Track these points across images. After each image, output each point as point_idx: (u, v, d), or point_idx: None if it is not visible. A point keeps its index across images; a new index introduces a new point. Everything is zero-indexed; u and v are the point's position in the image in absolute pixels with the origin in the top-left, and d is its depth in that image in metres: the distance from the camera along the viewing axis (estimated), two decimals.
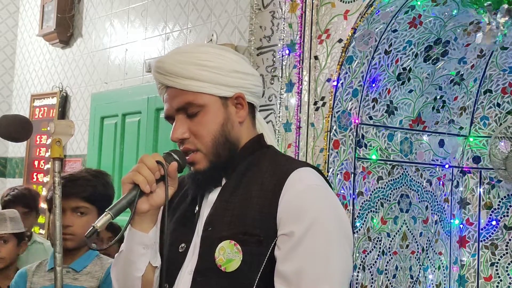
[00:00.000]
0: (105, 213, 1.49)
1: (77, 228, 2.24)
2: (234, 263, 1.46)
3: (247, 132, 1.62)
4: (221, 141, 1.56)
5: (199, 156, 1.56)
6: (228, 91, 1.57)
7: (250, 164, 1.58)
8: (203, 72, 1.54)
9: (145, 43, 5.06)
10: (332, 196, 1.55)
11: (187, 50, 1.59)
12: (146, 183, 1.50)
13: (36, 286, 2.30)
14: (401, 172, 3.33)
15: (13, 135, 1.92)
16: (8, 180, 6.63)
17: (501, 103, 3.42)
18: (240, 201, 1.52)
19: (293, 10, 3.31)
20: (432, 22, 3.14)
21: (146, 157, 1.54)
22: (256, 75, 1.64)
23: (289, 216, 1.46)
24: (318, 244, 1.44)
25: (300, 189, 1.48)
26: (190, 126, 1.56)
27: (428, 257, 3.39)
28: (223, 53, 1.59)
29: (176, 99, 1.56)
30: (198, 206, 1.60)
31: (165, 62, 1.57)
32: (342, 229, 1.50)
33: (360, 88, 3.15)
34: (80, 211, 2.26)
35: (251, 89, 1.61)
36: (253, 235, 1.47)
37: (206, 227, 1.53)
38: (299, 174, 1.51)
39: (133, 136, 5.03)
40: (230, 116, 1.58)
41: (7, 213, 2.97)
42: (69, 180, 2.28)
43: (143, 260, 1.56)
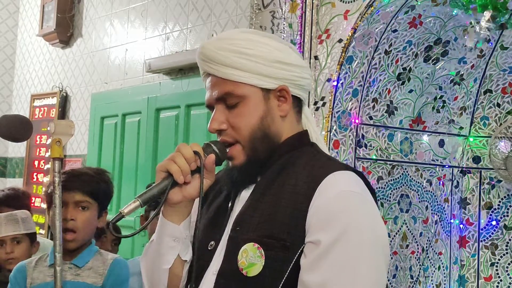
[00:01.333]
0: (133, 199, 1.42)
1: (79, 222, 2.24)
2: (256, 267, 1.37)
3: (289, 127, 1.52)
4: (259, 135, 1.47)
5: (238, 149, 1.48)
6: (270, 83, 1.47)
7: (286, 163, 1.48)
8: (243, 60, 1.45)
9: (145, 43, 5.06)
10: (369, 204, 1.41)
11: (228, 36, 1.50)
12: (180, 173, 1.42)
13: (37, 281, 2.30)
14: (401, 172, 3.33)
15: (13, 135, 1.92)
16: (8, 180, 6.63)
17: (501, 103, 3.42)
18: (271, 201, 1.42)
19: (293, 10, 3.31)
20: (432, 22, 3.14)
21: (183, 146, 1.45)
22: (303, 66, 1.53)
23: (318, 223, 1.35)
24: (346, 255, 1.32)
25: (332, 195, 1.36)
26: (229, 117, 1.48)
27: (428, 257, 3.39)
28: (266, 41, 1.49)
29: (216, 88, 1.48)
30: (231, 203, 1.53)
31: (206, 48, 1.48)
32: (376, 241, 1.37)
33: (360, 88, 3.15)
34: (82, 205, 2.27)
35: (297, 81, 1.50)
36: (279, 240, 1.37)
37: (234, 227, 1.45)
38: (335, 178, 1.40)
39: (133, 136, 5.03)
40: (271, 110, 1.48)
41: (19, 213, 2.98)
42: (73, 174, 2.29)
43: (172, 252, 1.49)
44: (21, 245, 2.87)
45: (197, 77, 4.46)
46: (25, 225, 2.90)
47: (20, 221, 2.89)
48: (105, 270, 2.27)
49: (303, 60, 1.58)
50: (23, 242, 2.87)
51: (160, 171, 1.45)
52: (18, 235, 2.86)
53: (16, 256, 2.84)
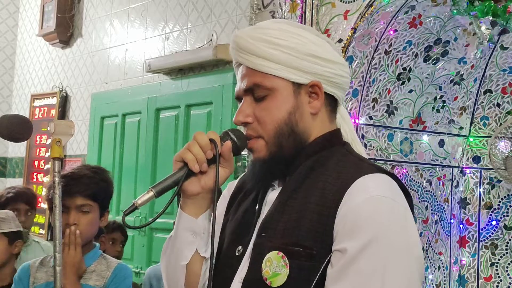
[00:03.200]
0: (147, 190, 1.35)
1: (82, 226, 2.24)
2: (280, 277, 1.28)
3: (320, 126, 1.41)
4: (285, 131, 1.37)
5: (261, 143, 1.39)
6: (302, 77, 1.38)
7: (315, 164, 1.38)
8: (275, 51, 1.37)
9: (145, 43, 5.06)
10: (400, 210, 1.29)
11: (262, 25, 1.42)
12: (195, 161, 1.35)
13: (40, 281, 2.31)
14: (401, 172, 3.33)
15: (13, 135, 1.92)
16: (8, 180, 6.63)
17: (501, 103, 3.42)
18: (298, 206, 1.33)
19: (293, 10, 3.31)
20: (432, 22, 3.14)
21: (199, 134, 1.38)
22: (340, 62, 1.43)
23: (345, 230, 1.25)
24: (374, 264, 1.22)
25: (360, 200, 1.26)
26: (256, 110, 1.39)
27: (428, 257, 3.39)
28: (301, 33, 1.40)
29: (245, 79, 1.40)
30: (259, 205, 1.43)
31: (239, 37, 1.41)
32: (407, 249, 1.26)
33: (360, 88, 3.15)
34: (84, 209, 2.27)
35: (331, 78, 1.40)
36: (306, 248, 1.27)
37: (260, 232, 1.36)
38: (365, 181, 1.29)
39: (133, 136, 5.03)
40: (300, 105, 1.39)
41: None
42: (72, 178, 2.28)
43: (190, 248, 1.41)
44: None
45: (197, 77, 4.47)
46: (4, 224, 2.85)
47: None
48: (109, 273, 2.27)
49: (342, 57, 1.48)
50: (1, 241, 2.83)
51: (176, 161, 1.38)
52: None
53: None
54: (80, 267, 2.20)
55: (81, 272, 2.22)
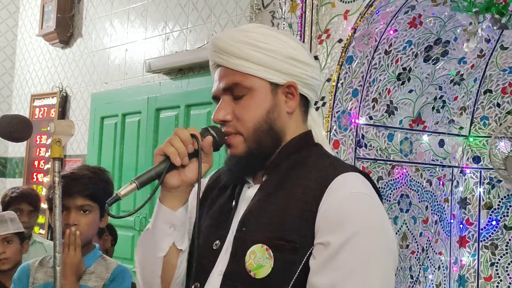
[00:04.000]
0: (130, 182, 1.39)
1: (82, 226, 2.25)
2: (264, 269, 1.34)
3: (295, 125, 1.49)
4: (264, 128, 1.44)
5: (239, 139, 1.45)
6: (279, 78, 1.45)
7: (294, 163, 1.45)
8: (256, 53, 1.44)
9: (145, 43, 5.06)
10: (378, 207, 1.39)
11: (244, 28, 1.49)
12: (177, 155, 1.41)
13: (40, 281, 2.31)
14: (401, 172, 3.33)
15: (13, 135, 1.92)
16: (8, 180, 6.63)
17: (501, 103, 3.42)
18: (279, 202, 1.39)
19: (293, 10, 3.31)
20: (432, 22, 3.14)
21: (180, 129, 1.44)
22: (314, 66, 1.51)
23: (328, 224, 1.33)
24: (356, 258, 1.30)
25: (342, 196, 1.34)
26: (235, 108, 1.45)
27: (428, 257, 3.39)
28: (281, 37, 1.48)
29: (224, 78, 1.46)
30: (235, 202, 1.49)
31: (219, 39, 1.47)
32: (386, 244, 1.35)
33: (360, 88, 3.15)
34: (84, 209, 2.27)
35: (306, 80, 1.48)
36: (289, 242, 1.34)
37: (240, 227, 1.42)
38: (344, 179, 1.38)
39: (133, 136, 5.03)
40: (277, 104, 1.46)
41: (6, 214, 3.00)
42: (72, 178, 2.28)
43: (168, 240, 1.46)
44: (12, 245, 2.89)
45: (197, 77, 4.46)
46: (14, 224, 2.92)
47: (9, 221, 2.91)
48: (108, 275, 2.27)
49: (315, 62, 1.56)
50: (14, 241, 2.90)
51: (158, 154, 1.43)
52: (8, 235, 2.88)
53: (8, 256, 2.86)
54: (79, 268, 2.20)
55: (81, 273, 2.22)
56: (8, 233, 2.88)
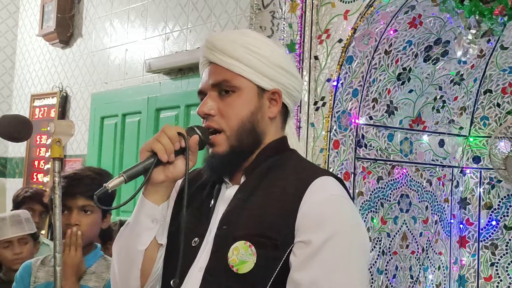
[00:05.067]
0: (118, 175, 1.44)
1: (83, 226, 2.25)
2: (247, 265, 1.41)
3: (274, 130, 1.57)
4: (247, 127, 1.51)
5: (221, 138, 1.51)
6: (267, 83, 1.53)
7: (273, 165, 1.53)
8: (249, 56, 1.51)
9: (145, 43, 5.06)
10: (353, 208, 1.50)
11: (241, 32, 1.58)
12: (164, 151, 1.46)
13: (41, 280, 2.31)
14: (401, 172, 3.33)
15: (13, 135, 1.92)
16: (8, 180, 6.63)
17: (501, 103, 3.42)
18: (260, 202, 1.47)
19: (293, 10, 3.31)
20: (432, 22, 3.14)
21: (167, 127, 1.49)
22: (299, 79, 1.61)
23: (309, 224, 1.41)
24: (337, 255, 1.39)
25: (322, 198, 1.43)
26: (220, 104, 1.51)
27: (428, 257, 3.39)
28: (274, 46, 1.57)
29: (214, 75, 1.53)
30: (214, 200, 1.56)
31: (216, 38, 1.55)
32: (361, 243, 1.46)
33: (360, 88, 3.15)
34: (86, 209, 2.28)
35: (290, 91, 1.57)
36: (271, 239, 1.41)
37: (220, 225, 1.48)
38: (322, 182, 1.46)
39: (133, 136, 5.03)
40: (262, 108, 1.54)
41: (22, 214, 3.04)
42: (74, 179, 2.29)
43: (149, 234, 1.51)
44: (27, 245, 2.97)
45: (197, 77, 4.46)
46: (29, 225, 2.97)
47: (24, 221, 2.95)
48: (109, 275, 2.27)
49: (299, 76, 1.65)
50: (29, 242, 2.97)
51: (145, 150, 1.48)
52: (25, 236, 2.93)
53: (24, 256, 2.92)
54: (80, 268, 2.21)
55: (81, 273, 2.22)
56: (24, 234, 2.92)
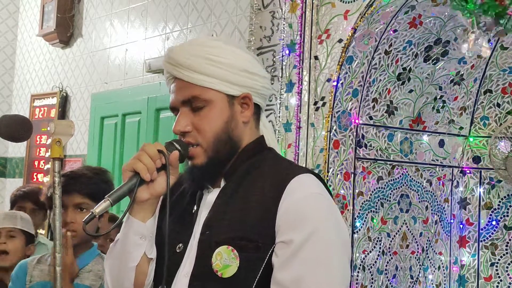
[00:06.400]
0: (104, 199, 1.46)
1: (78, 224, 2.24)
2: (230, 269, 1.43)
3: (250, 133, 1.59)
4: (223, 138, 1.53)
5: (199, 150, 1.53)
6: (236, 90, 1.54)
7: (250, 167, 1.55)
8: (213, 67, 1.51)
9: (145, 43, 5.06)
10: (332, 205, 1.52)
11: (199, 42, 1.56)
12: (147, 171, 1.48)
13: (36, 279, 2.30)
14: (401, 172, 3.33)
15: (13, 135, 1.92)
16: (8, 180, 6.63)
17: (501, 103, 3.42)
18: (239, 205, 1.49)
19: (293, 10, 3.31)
20: (432, 22, 3.14)
21: (147, 145, 1.51)
22: (265, 76, 1.61)
23: (288, 223, 1.42)
24: (318, 252, 1.41)
25: (300, 197, 1.44)
26: (194, 120, 1.53)
27: (428, 257, 3.39)
28: (236, 51, 1.56)
29: (182, 91, 1.53)
30: (197, 206, 1.58)
31: (175, 52, 1.54)
32: (341, 238, 1.48)
33: (360, 88, 3.15)
34: (82, 207, 2.27)
35: (259, 91, 1.59)
36: (251, 241, 1.44)
37: (203, 230, 1.51)
38: (299, 180, 1.48)
39: (133, 136, 5.03)
40: (234, 115, 1.55)
41: (20, 213, 3.02)
42: (71, 177, 2.29)
43: (139, 250, 1.53)
44: (15, 240, 2.87)
45: None
46: (23, 223, 2.91)
47: (19, 218, 2.92)
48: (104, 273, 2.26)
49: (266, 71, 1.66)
50: (18, 238, 2.88)
51: (127, 170, 1.50)
52: (14, 229, 2.87)
53: (8, 249, 2.83)
54: (72, 269, 2.20)
55: (74, 274, 2.22)
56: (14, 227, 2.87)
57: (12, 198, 3.74)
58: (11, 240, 2.86)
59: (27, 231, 2.92)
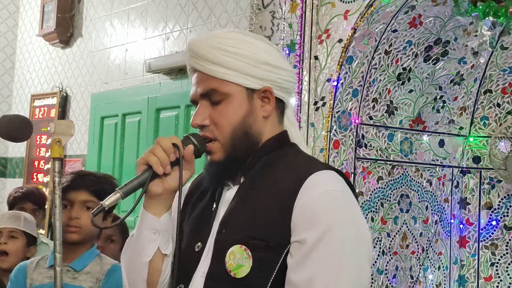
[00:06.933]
0: (114, 192, 1.44)
1: (83, 220, 2.24)
2: (243, 269, 1.38)
3: (271, 128, 1.53)
4: (239, 134, 1.48)
5: (216, 146, 1.49)
6: (255, 83, 1.49)
7: (268, 163, 1.49)
8: (231, 59, 1.47)
9: (145, 43, 5.06)
10: (351, 202, 1.44)
11: (217, 34, 1.52)
12: (159, 164, 1.45)
13: (35, 282, 2.29)
14: (401, 172, 3.33)
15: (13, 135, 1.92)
16: (8, 180, 6.63)
17: (501, 103, 3.42)
18: (255, 202, 1.44)
19: (293, 10, 3.31)
20: (432, 22, 3.14)
21: (162, 138, 1.48)
22: (288, 69, 1.55)
23: (303, 222, 1.37)
24: (330, 252, 1.35)
25: (316, 195, 1.38)
26: (212, 113, 1.49)
27: (428, 257, 3.39)
28: (255, 42, 1.51)
29: (201, 84, 1.49)
30: (216, 204, 1.53)
31: (195, 44, 1.50)
32: (359, 237, 1.40)
33: (360, 88, 3.15)
34: (88, 205, 2.27)
35: (281, 84, 1.52)
36: (265, 241, 1.38)
37: (220, 229, 1.46)
38: (317, 178, 1.41)
39: (133, 136, 5.03)
40: (254, 109, 1.50)
41: (24, 214, 2.99)
42: (80, 174, 2.31)
43: (152, 245, 1.50)
44: (16, 241, 2.84)
45: None
46: (26, 224, 2.89)
47: (22, 219, 2.90)
48: (102, 275, 2.25)
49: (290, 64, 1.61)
50: (19, 239, 2.85)
51: (140, 163, 1.47)
52: (16, 230, 2.85)
53: (9, 250, 2.81)
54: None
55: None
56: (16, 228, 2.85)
57: (10, 199, 3.71)
58: (12, 241, 2.84)
59: (29, 233, 2.90)
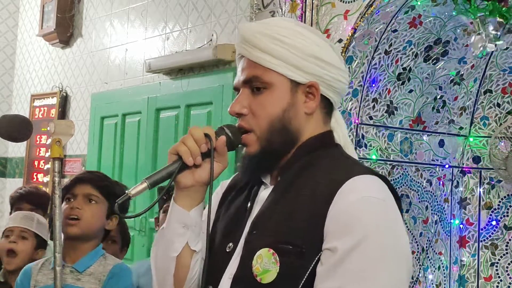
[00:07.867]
0: (141, 181, 1.37)
1: (84, 212, 2.22)
2: (270, 274, 1.30)
3: (314, 126, 1.43)
4: (277, 127, 1.39)
5: (252, 138, 1.41)
6: (301, 76, 1.40)
7: (307, 163, 1.40)
8: (278, 47, 1.39)
9: (145, 43, 5.06)
10: (391, 211, 1.35)
11: (269, 21, 1.45)
12: (189, 154, 1.37)
13: (40, 284, 2.28)
14: (401, 172, 3.33)
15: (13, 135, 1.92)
16: (8, 180, 6.63)
17: (501, 103, 3.42)
18: (288, 205, 1.35)
19: (293, 10, 3.31)
20: (432, 22, 3.14)
21: (194, 128, 1.40)
22: (341, 68, 1.44)
23: (336, 229, 1.28)
24: (364, 262, 1.25)
25: (352, 201, 1.29)
26: (252, 103, 1.41)
27: (428, 257, 3.39)
28: (306, 33, 1.42)
29: (246, 70, 1.42)
30: (250, 203, 1.45)
31: (244, 29, 1.44)
32: (397, 248, 1.30)
33: (360, 88, 3.15)
34: (91, 198, 2.26)
35: (330, 82, 1.42)
36: (295, 246, 1.29)
37: (251, 230, 1.38)
38: (355, 183, 1.32)
39: (133, 136, 5.03)
40: (296, 104, 1.41)
41: (38, 216, 2.96)
42: (87, 171, 2.34)
43: (181, 240, 1.42)
44: (26, 242, 2.81)
45: (197, 77, 4.46)
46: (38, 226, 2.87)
47: (35, 221, 2.87)
48: (105, 276, 2.23)
49: (344, 64, 1.49)
50: (30, 240, 2.83)
51: (171, 153, 1.40)
52: (27, 231, 2.83)
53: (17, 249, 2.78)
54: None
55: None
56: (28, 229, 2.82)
57: (10, 200, 3.74)
58: (22, 241, 2.81)
59: (40, 236, 2.86)
